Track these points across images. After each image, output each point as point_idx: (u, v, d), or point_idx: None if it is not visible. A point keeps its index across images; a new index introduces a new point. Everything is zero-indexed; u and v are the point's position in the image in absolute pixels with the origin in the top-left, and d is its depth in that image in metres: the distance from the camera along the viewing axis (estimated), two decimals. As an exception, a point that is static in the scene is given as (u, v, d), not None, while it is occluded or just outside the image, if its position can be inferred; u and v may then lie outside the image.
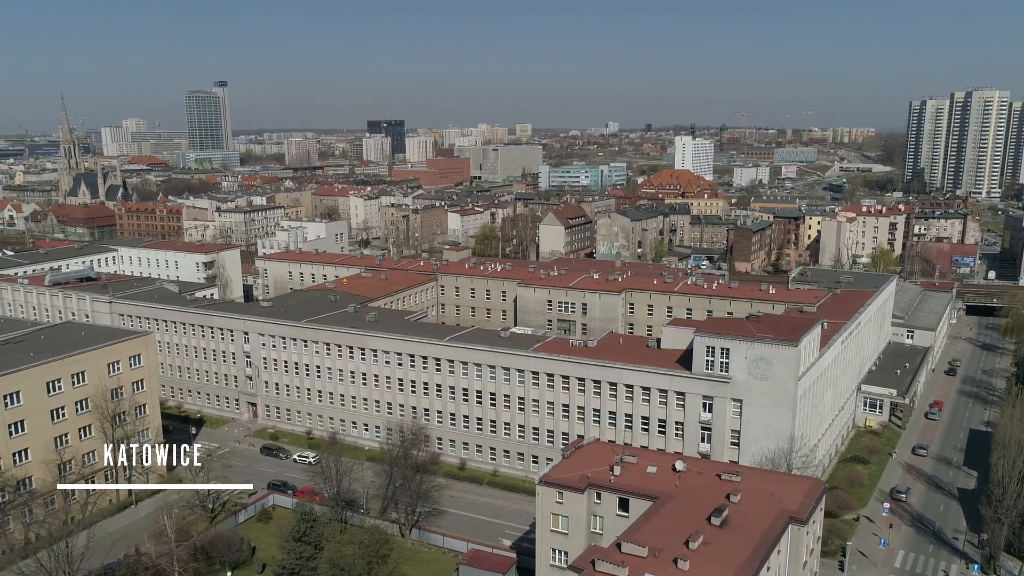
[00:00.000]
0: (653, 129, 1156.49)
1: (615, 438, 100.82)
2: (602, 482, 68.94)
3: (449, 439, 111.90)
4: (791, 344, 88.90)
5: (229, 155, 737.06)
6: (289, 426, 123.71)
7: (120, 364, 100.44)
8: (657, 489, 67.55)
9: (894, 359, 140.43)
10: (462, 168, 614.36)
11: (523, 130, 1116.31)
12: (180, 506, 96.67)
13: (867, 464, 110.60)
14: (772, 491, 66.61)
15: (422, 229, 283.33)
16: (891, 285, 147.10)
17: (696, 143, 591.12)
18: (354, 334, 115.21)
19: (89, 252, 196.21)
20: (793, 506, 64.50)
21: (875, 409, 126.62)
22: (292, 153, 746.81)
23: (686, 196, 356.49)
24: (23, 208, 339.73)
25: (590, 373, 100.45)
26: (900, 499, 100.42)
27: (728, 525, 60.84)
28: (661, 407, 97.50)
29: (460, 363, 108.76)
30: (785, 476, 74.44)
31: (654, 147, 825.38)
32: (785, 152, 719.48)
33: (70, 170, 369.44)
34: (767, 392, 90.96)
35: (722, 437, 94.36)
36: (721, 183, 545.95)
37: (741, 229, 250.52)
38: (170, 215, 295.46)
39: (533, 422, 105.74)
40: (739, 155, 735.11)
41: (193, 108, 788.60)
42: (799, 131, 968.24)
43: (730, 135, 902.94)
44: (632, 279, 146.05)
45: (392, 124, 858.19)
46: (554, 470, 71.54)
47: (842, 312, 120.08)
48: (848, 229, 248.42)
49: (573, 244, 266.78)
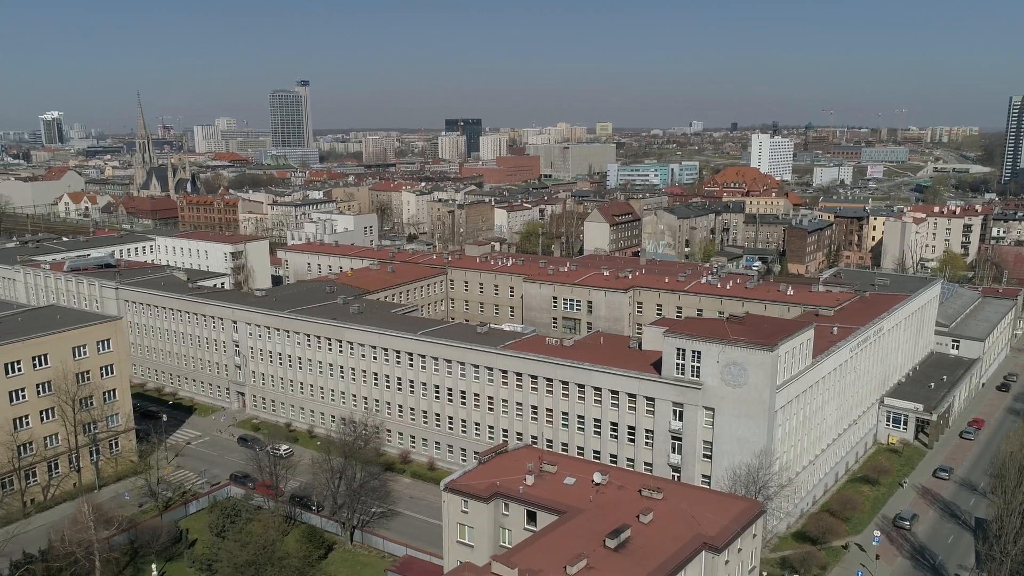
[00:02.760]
0: (739, 129, 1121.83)
1: (584, 444, 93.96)
2: (511, 492, 62.74)
3: (422, 438, 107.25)
4: (766, 349, 79.90)
5: (309, 152, 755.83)
6: (273, 417, 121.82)
7: (87, 348, 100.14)
8: (568, 502, 60.88)
9: (931, 371, 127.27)
10: (531, 166, 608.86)
11: (603, 129, 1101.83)
12: (132, 493, 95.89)
13: (876, 485, 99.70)
14: (695, 512, 58.85)
15: (467, 224, 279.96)
16: (932, 290, 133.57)
17: (774, 142, 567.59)
18: (330, 325, 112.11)
19: (128, 241, 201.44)
20: (712, 530, 56.62)
21: (899, 425, 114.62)
22: (369, 151, 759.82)
23: (750, 194, 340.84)
24: (98, 200, 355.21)
25: (558, 373, 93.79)
26: (903, 527, 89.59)
27: (626, 548, 53.72)
28: (630, 413, 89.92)
29: (431, 359, 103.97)
30: (718, 496, 66.21)
31: (735, 146, 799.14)
32: (874, 152, 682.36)
33: (144, 164, 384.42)
34: (741, 401, 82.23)
35: (693, 448, 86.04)
36: (800, 183, 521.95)
37: (795, 229, 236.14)
38: (227, 208, 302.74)
39: (503, 423, 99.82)
40: (824, 155, 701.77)
41: (277, 107, 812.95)
42: (894, 130, 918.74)
43: (817, 134, 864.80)
44: (643, 277, 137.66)
45: (469, 123, 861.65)
46: (464, 476, 65.76)
47: (862, 317, 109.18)
48: (915, 230, 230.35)
49: (619, 242, 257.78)
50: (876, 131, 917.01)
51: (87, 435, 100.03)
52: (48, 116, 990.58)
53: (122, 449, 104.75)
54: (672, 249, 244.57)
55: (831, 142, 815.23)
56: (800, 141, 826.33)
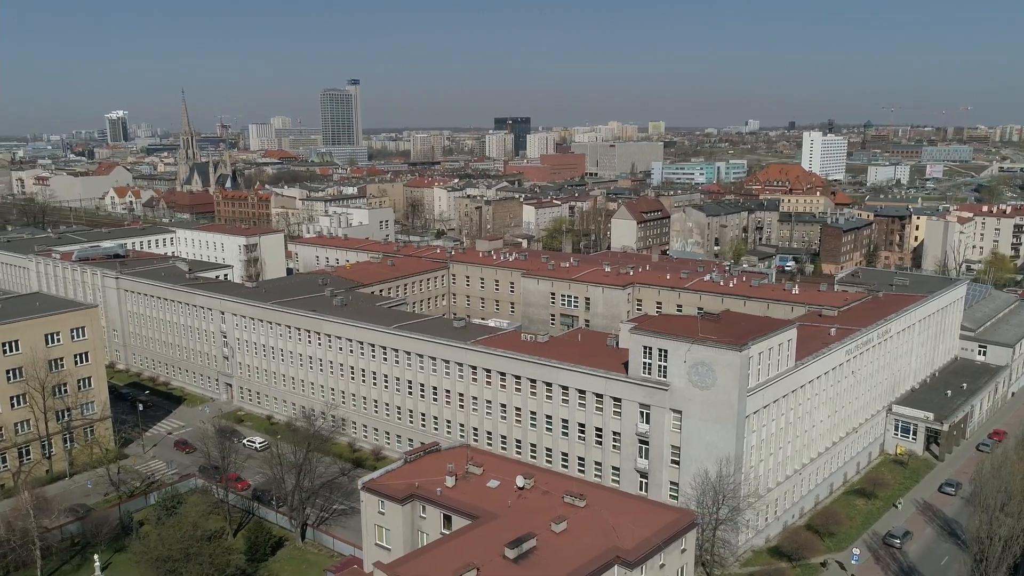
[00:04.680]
0: (797, 127, 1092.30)
1: (552, 446, 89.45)
2: (427, 494, 58.90)
3: (396, 434, 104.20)
4: (734, 348, 74.20)
5: (358, 150, 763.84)
6: (258, 409, 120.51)
7: (61, 336, 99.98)
8: (485, 507, 56.80)
9: (952, 378, 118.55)
10: (576, 164, 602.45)
11: (655, 128, 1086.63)
12: (95, 482, 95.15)
13: (872, 499, 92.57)
14: (617, 522, 54.08)
15: (494, 221, 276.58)
16: (955, 291, 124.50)
17: (827, 140, 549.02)
18: (308, 317, 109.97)
19: (150, 233, 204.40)
20: (630, 543, 51.78)
21: (908, 435, 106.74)
22: (417, 149, 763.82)
23: (793, 192, 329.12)
24: (141, 195, 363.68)
25: (525, 371, 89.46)
26: (893, 545, 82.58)
27: (528, 560, 49.41)
28: (597, 414, 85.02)
29: (404, 353, 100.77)
30: (649, 505, 61.17)
31: (788, 145, 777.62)
32: (935, 151, 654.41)
33: (187, 161, 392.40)
34: (709, 404, 76.66)
35: (660, 453, 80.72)
36: (853, 182, 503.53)
37: (830, 228, 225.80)
38: (260, 202, 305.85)
39: (473, 421, 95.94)
40: (882, 153, 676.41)
41: (327, 105, 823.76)
42: (960, 129, 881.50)
43: (876, 132, 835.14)
44: (644, 274, 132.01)
45: (517, 121, 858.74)
46: (386, 475, 62.31)
47: (868, 318, 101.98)
48: (958, 230, 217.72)
49: (647, 240, 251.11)
50: (941, 130, 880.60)
51: (60, 422, 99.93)
52: (113, 115, 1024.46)
53: (98, 437, 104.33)
54: (700, 247, 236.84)
55: (891, 141, 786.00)
56: (858, 140, 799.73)
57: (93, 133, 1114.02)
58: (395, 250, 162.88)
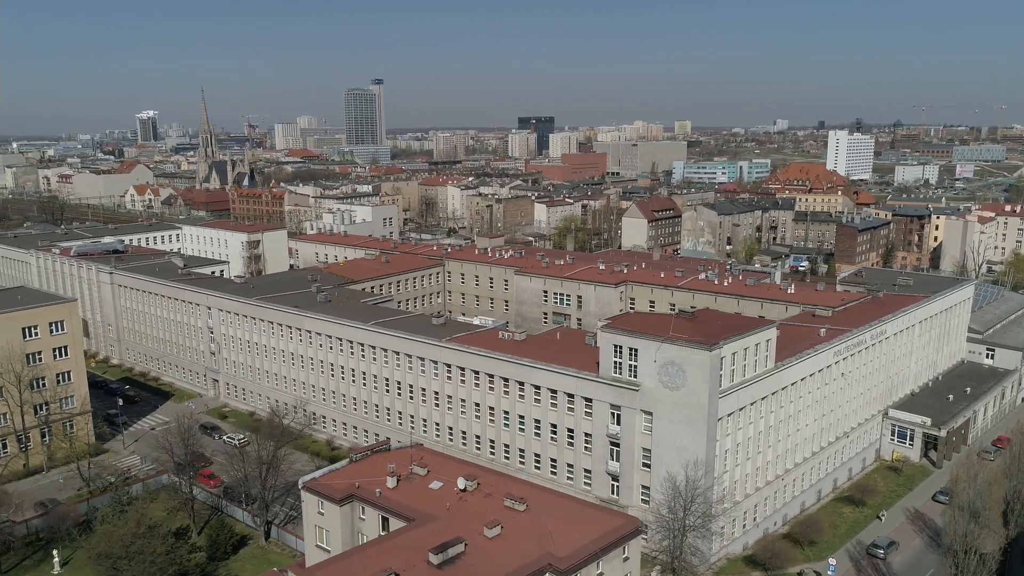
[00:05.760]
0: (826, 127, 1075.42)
1: (525, 447, 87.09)
2: (367, 495, 56.85)
3: (374, 432, 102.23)
4: (704, 348, 71.20)
5: (381, 149, 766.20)
6: (243, 405, 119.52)
7: (39, 329, 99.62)
8: (423, 509, 54.61)
9: (957, 381, 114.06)
10: (597, 163, 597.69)
11: (681, 127, 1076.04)
12: (67, 477, 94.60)
13: (860, 507, 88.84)
14: (556, 527, 51.58)
15: (505, 219, 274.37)
16: (962, 292, 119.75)
17: (853, 139, 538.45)
18: (288, 313, 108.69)
19: (158, 229, 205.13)
20: (565, 551, 49.25)
21: (905, 440, 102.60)
22: (440, 148, 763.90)
23: (813, 192, 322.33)
24: (160, 193, 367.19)
25: (498, 369, 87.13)
26: (877, 555, 78.92)
27: (453, 566, 47.15)
28: (569, 414, 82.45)
29: (381, 350, 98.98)
30: (594, 510, 58.37)
31: (816, 144, 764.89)
32: (966, 150, 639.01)
33: (206, 159, 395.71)
34: (679, 405, 73.74)
35: (631, 456, 77.96)
36: (880, 182, 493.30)
37: (845, 227, 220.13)
38: (274, 200, 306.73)
39: (448, 420, 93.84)
40: (912, 153, 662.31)
41: (351, 105, 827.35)
42: (995, 128, 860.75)
43: (906, 132, 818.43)
44: (638, 272, 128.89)
45: (541, 121, 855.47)
46: (328, 475, 60.40)
47: (864, 319, 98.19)
48: (979, 230, 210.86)
49: (659, 239, 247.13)
50: (975, 129, 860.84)
51: (38, 416, 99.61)
52: (143, 115, 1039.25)
53: (77, 431, 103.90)
54: (712, 247, 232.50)
55: (922, 140, 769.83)
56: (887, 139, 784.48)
57: (126, 133, 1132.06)
58: (392, 247, 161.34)
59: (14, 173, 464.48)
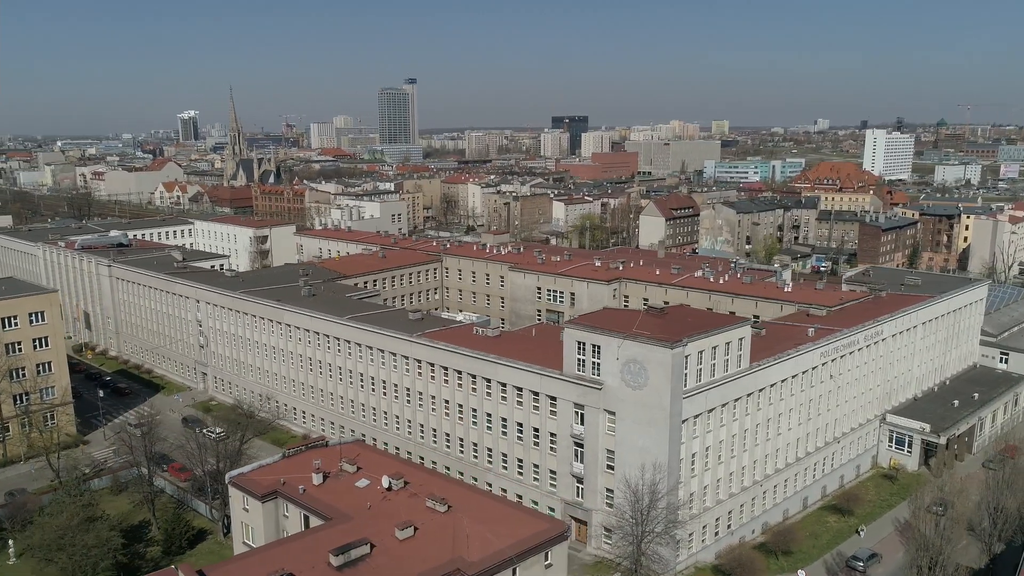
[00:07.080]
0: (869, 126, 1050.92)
1: (492, 446, 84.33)
2: (290, 492, 54.73)
3: (351, 428, 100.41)
4: (666, 345, 67.69)
5: (413, 148, 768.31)
6: (228, 398, 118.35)
7: (18, 320, 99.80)
8: (343, 508, 52.28)
9: (965, 386, 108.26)
10: (628, 163, 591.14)
11: (719, 127, 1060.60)
12: (37, 468, 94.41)
13: (846, 516, 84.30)
14: (475, 531, 48.80)
15: (522, 216, 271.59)
16: (973, 292, 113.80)
17: (891, 139, 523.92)
18: (270, 307, 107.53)
19: (170, 224, 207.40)
20: (477, 555, 46.46)
21: (903, 447, 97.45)
22: (472, 148, 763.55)
23: (843, 191, 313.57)
24: (188, 190, 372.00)
25: (465, 365, 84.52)
26: (856, 568, 74.50)
27: (355, 568, 44.75)
28: (535, 413, 79.48)
29: (355, 344, 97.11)
30: (520, 513, 55.33)
31: (855, 144, 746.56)
32: (1012, 150, 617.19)
33: (234, 157, 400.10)
34: (641, 405, 70.33)
35: (595, 457, 74.74)
36: (919, 182, 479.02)
37: (868, 227, 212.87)
38: (295, 197, 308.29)
39: (419, 418, 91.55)
40: (955, 153, 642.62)
41: (385, 104, 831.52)
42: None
43: (950, 131, 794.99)
44: (633, 269, 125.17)
45: (574, 120, 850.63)
46: (257, 471, 58.44)
47: (860, 319, 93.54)
48: (1010, 230, 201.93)
49: (677, 237, 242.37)
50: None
51: (18, 406, 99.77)
52: (185, 115, 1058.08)
53: (59, 422, 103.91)
54: (730, 246, 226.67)
55: (967, 139, 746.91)
56: (931, 138, 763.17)
57: (169, 133, 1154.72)
58: (392, 243, 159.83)
59: (52, 171, 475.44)
